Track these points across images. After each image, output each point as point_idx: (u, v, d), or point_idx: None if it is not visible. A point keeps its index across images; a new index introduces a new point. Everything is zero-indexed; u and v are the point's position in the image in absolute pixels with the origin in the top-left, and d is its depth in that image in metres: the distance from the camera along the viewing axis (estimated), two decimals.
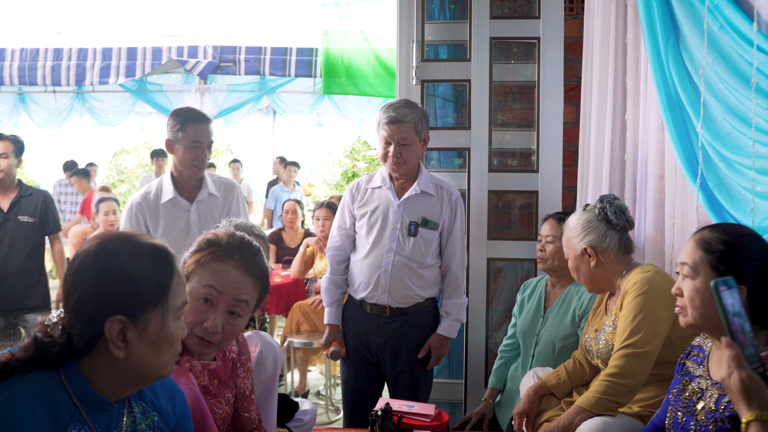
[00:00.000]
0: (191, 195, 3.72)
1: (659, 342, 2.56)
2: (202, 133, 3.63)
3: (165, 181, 3.72)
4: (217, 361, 2.23)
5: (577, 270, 2.87)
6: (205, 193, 3.73)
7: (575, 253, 2.85)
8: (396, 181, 3.55)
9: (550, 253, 3.36)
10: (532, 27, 3.97)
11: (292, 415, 3.01)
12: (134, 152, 17.05)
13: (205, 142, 3.65)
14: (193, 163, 3.63)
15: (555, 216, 3.42)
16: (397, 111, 3.42)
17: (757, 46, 2.14)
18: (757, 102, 2.14)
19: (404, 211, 3.49)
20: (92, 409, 1.56)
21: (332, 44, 8.22)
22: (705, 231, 2.03)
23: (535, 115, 3.99)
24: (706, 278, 1.96)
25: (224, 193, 3.80)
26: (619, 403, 2.57)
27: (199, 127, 3.63)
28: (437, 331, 3.54)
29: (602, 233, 2.81)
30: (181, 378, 1.99)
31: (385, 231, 3.49)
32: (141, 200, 3.67)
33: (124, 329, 1.53)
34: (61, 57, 9.36)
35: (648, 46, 2.81)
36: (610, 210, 2.81)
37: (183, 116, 3.63)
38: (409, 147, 3.43)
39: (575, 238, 2.85)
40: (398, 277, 3.47)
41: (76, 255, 1.59)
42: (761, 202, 2.22)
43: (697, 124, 2.50)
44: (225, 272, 2.08)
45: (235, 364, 2.34)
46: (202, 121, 3.66)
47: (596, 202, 2.88)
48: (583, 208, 2.91)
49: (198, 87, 9.79)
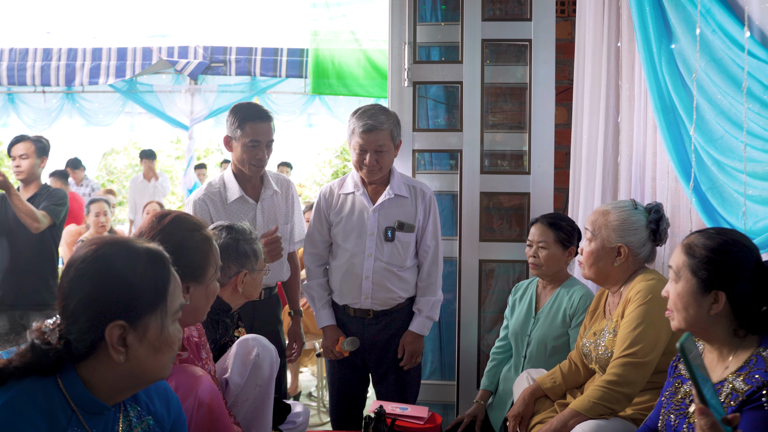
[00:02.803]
0: (255, 193, 3.59)
1: (659, 352, 2.58)
2: (261, 131, 3.47)
3: (228, 179, 3.57)
4: (187, 350, 2.27)
5: (597, 259, 2.78)
6: (270, 191, 3.61)
7: (606, 245, 2.75)
8: (369, 186, 3.52)
9: (544, 258, 3.32)
10: (523, 29, 3.98)
11: (285, 417, 3.01)
12: (124, 152, 17.01)
13: (264, 141, 3.49)
14: (251, 162, 3.48)
15: (544, 220, 3.38)
16: (373, 119, 3.37)
17: (748, 51, 2.16)
18: (749, 106, 2.16)
19: (379, 216, 3.47)
20: (89, 413, 1.57)
21: (322, 45, 8.21)
22: (693, 236, 2.04)
23: (527, 117, 4.00)
24: (686, 283, 1.99)
25: (284, 190, 3.70)
26: (614, 410, 2.59)
27: (259, 126, 3.46)
28: (409, 329, 3.53)
29: (642, 240, 2.75)
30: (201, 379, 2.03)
31: (362, 237, 3.48)
32: (205, 197, 3.53)
33: (125, 334, 1.54)
34: (50, 57, 9.33)
35: (641, 50, 2.83)
36: (662, 224, 2.77)
37: (242, 114, 3.47)
38: (386, 154, 3.41)
39: (615, 232, 2.74)
40: (380, 282, 3.47)
41: (71, 261, 1.59)
42: (753, 205, 2.23)
43: (690, 127, 2.52)
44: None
45: (199, 347, 2.38)
46: (261, 119, 3.48)
47: (650, 208, 2.80)
48: (632, 206, 2.80)
49: (188, 87, 9.77)
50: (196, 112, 9.88)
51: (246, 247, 2.84)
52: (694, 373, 1.52)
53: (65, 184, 9.34)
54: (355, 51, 8.29)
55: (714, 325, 1.96)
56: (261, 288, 3.07)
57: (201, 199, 3.51)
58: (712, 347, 2.01)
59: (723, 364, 1.95)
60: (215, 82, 9.92)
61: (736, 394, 1.83)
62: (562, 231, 3.33)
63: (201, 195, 3.53)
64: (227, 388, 2.62)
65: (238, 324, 2.99)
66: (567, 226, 3.36)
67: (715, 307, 1.94)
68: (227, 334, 2.89)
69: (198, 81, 9.76)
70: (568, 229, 3.35)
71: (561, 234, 3.33)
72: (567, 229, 3.35)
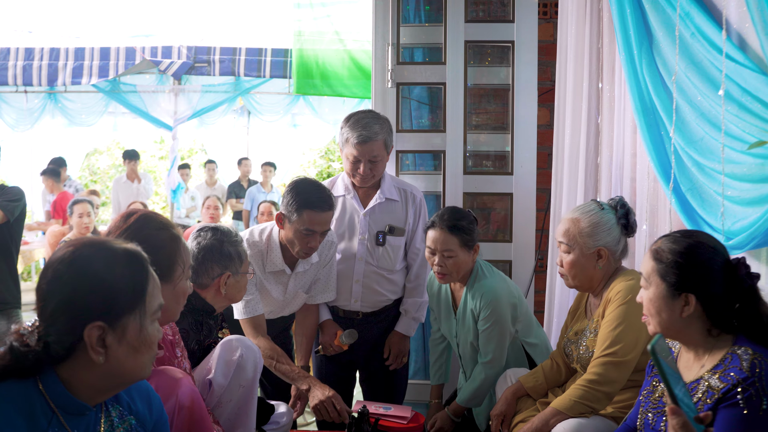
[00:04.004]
0: (294, 261, 3.36)
1: (639, 351, 2.60)
2: (319, 221, 3.15)
3: (274, 247, 3.33)
4: (162, 348, 2.27)
5: (580, 269, 2.76)
6: (308, 264, 3.38)
7: (585, 252, 2.73)
8: (360, 189, 3.52)
9: (453, 267, 3.14)
10: (506, 30, 4.00)
11: (269, 417, 3.01)
12: (107, 153, 16.90)
13: (320, 231, 3.18)
14: (303, 249, 3.21)
15: (443, 224, 3.13)
16: (367, 129, 3.31)
17: (726, 54, 2.18)
18: (727, 108, 2.18)
19: (370, 220, 3.48)
20: (70, 414, 1.57)
21: (306, 45, 8.20)
22: (660, 240, 2.07)
23: (510, 118, 4.03)
24: (656, 288, 2.01)
25: (323, 255, 3.43)
26: (594, 409, 2.62)
27: (318, 216, 3.14)
28: (395, 329, 3.56)
29: (617, 237, 2.75)
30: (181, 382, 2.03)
31: (352, 240, 3.49)
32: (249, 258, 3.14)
33: (103, 335, 1.54)
34: (32, 57, 9.28)
35: (622, 52, 2.85)
36: (630, 216, 2.77)
37: (303, 199, 3.14)
38: (379, 163, 3.39)
39: (591, 237, 2.73)
40: (369, 286, 3.49)
41: (49, 263, 1.59)
42: (731, 205, 2.26)
43: (670, 129, 2.54)
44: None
45: (174, 345, 2.38)
46: (323, 209, 3.15)
47: (614, 205, 2.79)
48: (599, 207, 2.78)
49: (172, 87, 9.74)
50: (179, 113, 9.85)
51: (230, 249, 2.84)
52: (665, 373, 1.54)
53: (57, 182, 9.29)
54: (340, 51, 8.30)
55: (687, 326, 1.99)
56: (245, 292, 3.00)
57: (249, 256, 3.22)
58: (688, 348, 2.04)
59: (699, 363, 1.98)
60: (199, 82, 9.90)
61: (712, 392, 1.86)
62: (464, 232, 3.12)
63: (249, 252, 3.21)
64: (211, 388, 2.62)
65: (222, 325, 2.98)
66: (467, 226, 3.15)
67: (687, 310, 1.96)
68: (211, 336, 2.89)
69: (182, 81, 9.73)
70: (469, 229, 3.15)
71: (464, 236, 3.12)
72: (468, 228, 3.14)
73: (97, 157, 16.93)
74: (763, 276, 2.11)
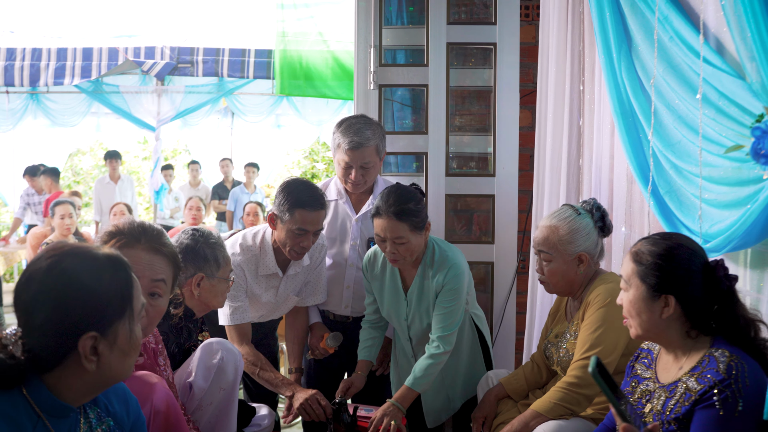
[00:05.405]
0: (286, 264, 3.35)
1: (618, 354, 2.62)
2: (311, 220, 3.14)
3: (268, 250, 3.30)
4: (143, 356, 2.27)
5: (562, 275, 2.77)
6: (300, 267, 3.36)
7: (567, 258, 2.75)
8: (352, 194, 3.51)
9: (406, 251, 2.99)
10: (488, 33, 4.01)
11: (250, 420, 3.01)
12: (90, 153, 16.85)
13: (312, 230, 3.17)
14: (294, 248, 3.19)
15: (389, 211, 2.95)
16: (359, 135, 3.29)
17: (703, 58, 2.20)
18: (704, 112, 2.20)
19: (362, 226, 3.47)
20: (55, 417, 1.57)
21: (290, 46, 8.21)
22: (640, 243, 2.09)
23: (492, 120, 4.03)
24: (636, 290, 2.03)
25: (313, 258, 3.42)
26: (574, 411, 2.64)
27: (310, 215, 3.13)
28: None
29: (595, 240, 2.77)
30: (155, 387, 2.02)
31: (344, 245, 3.49)
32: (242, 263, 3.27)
33: (96, 343, 1.54)
34: (14, 57, 9.23)
35: (601, 55, 2.86)
36: (606, 219, 2.79)
37: (294, 198, 3.13)
38: (371, 169, 3.39)
39: (571, 243, 2.74)
40: (360, 292, 3.46)
41: (30, 273, 1.57)
42: (708, 208, 2.27)
43: (649, 131, 2.55)
44: (136, 257, 2.11)
45: (156, 354, 2.37)
46: (314, 207, 3.15)
47: (589, 208, 2.80)
48: (575, 212, 2.79)
49: (155, 88, 9.71)
50: (162, 113, 9.82)
51: (206, 251, 2.80)
52: (608, 394, 1.57)
53: (56, 182, 9.26)
54: (323, 52, 8.31)
55: (667, 328, 2.00)
56: (224, 299, 2.94)
57: (239, 266, 3.25)
58: (668, 350, 2.06)
59: (677, 365, 2.00)
60: (182, 83, 9.89)
61: (689, 394, 1.88)
62: (412, 215, 2.96)
63: (239, 260, 3.27)
64: (191, 392, 2.62)
65: (202, 328, 2.97)
66: (415, 207, 2.99)
67: (666, 311, 1.98)
68: (191, 339, 2.88)
69: (165, 82, 9.71)
70: (417, 210, 2.99)
71: (413, 219, 2.96)
72: (416, 210, 2.98)
73: (80, 158, 16.87)
74: (740, 278, 2.12)
